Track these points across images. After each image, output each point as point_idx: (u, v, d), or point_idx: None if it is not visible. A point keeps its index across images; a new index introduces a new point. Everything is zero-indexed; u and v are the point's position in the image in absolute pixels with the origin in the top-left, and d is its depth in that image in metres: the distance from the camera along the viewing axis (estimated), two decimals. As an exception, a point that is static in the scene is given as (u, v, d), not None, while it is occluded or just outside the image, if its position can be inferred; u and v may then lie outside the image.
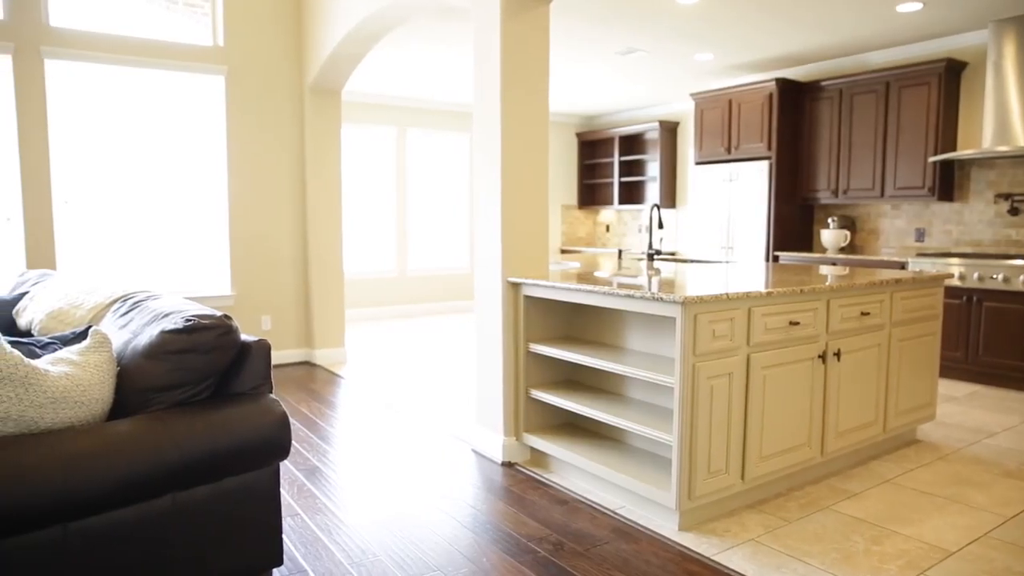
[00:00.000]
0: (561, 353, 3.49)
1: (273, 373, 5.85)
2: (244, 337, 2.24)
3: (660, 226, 4.66)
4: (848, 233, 6.70)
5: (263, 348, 2.23)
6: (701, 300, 2.79)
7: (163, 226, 5.73)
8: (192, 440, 2.00)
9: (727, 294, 2.86)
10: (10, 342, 2.23)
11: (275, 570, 2.57)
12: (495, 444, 3.76)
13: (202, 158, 5.83)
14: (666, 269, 4.25)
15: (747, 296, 2.94)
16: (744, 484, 3.05)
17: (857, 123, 6.52)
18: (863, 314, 3.47)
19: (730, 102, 7.34)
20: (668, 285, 3.16)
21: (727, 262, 6.23)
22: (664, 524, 2.96)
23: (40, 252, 5.23)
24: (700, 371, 2.83)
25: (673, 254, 8.65)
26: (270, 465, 2.21)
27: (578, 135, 10.55)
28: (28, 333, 3.04)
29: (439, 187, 9.69)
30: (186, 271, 5.84)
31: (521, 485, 3.41)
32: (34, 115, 5.15)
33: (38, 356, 2.12)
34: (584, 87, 8.30)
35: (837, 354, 3.35)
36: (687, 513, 2.92)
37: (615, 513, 3.08)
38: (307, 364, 6.22)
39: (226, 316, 2.14)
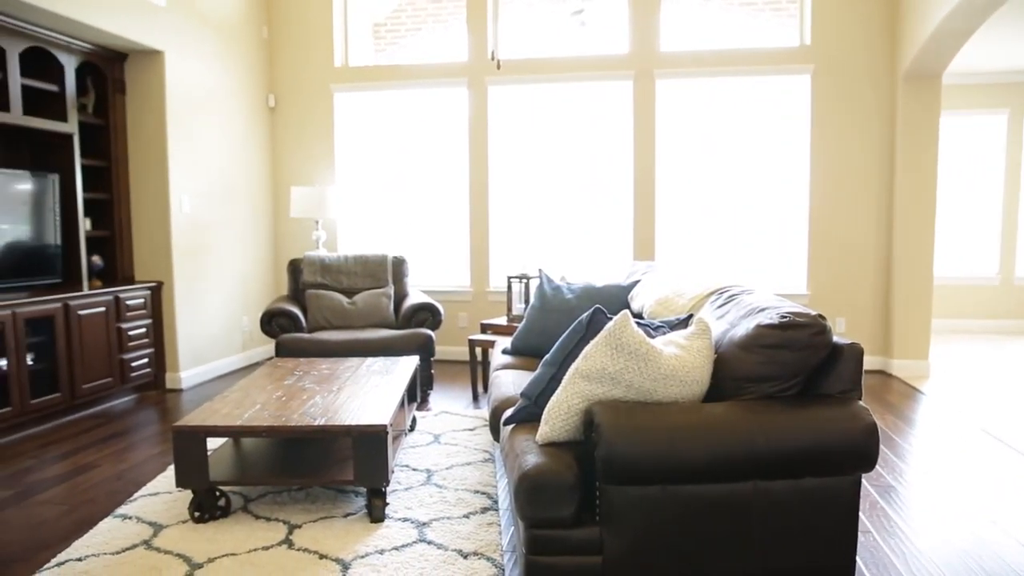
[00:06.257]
0: None
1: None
2: (836, 339, 2.22)
3: None
4: None
5: (855, 352, 2.16)
6: None
7: (744, 223, 6.05)
8: (779, 433, 2.06)
9: None
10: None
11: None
12: None
13: (783, 158, 5.94)
14: None
15: None
16: None
17: None
18: None
19: None
20: None
21: None
22: None
23: (643, 246, 6.09)
24: None
25: None
26: (852, 474, 2.14)
27: None
28: (640, 316, 3.56)
29: (1064, 178, 7.91)
30: (764, 267, 6.06)
31: None
32: (645, 129, 5.99)
33: (652, 337, 2.46)
34: None
35: None
36: None
37: None
38: (881, 373, 5.81)
39: (820, 316, 2.14)
